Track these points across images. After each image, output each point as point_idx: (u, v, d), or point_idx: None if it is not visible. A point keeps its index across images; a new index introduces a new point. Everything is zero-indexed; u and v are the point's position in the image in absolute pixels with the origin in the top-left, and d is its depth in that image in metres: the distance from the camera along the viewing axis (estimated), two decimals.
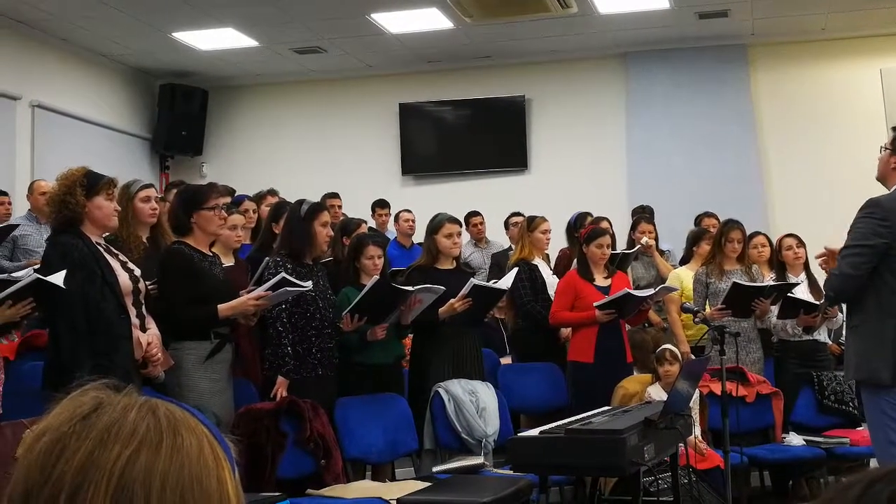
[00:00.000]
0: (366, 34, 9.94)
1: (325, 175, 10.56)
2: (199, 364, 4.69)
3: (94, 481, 0.88)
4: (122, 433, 0.91)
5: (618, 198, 10.09)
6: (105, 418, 0.92)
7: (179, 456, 0.91)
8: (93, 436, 0.90)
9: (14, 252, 6.86)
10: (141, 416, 0.93)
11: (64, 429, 0.91)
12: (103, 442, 0.90)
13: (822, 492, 6.13)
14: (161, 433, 0.92)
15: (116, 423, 0.91)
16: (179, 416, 0.96)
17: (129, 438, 0.90)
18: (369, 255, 5.52)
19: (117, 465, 0.88)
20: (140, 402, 0.95)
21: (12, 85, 9.25)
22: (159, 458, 0.90)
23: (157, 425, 0.93)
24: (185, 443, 0.93)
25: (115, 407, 0.93)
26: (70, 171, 4.25)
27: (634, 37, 10.22)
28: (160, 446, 0.91)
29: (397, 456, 5.57)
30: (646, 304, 6.15)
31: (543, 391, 6.38)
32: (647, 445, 4.05)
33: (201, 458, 0.93)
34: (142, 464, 0.89)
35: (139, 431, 0.91)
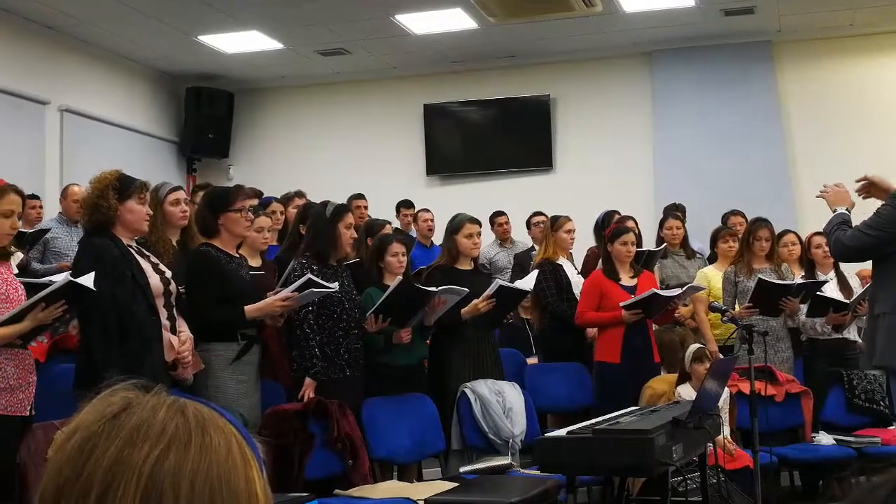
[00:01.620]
0: (390, 35, 9.96)
1: (351, 176, 10.59)
2: (226, 365, 4.71)
3: (123, 480, 0.88)
4: (151, 432, 0.91)
5: (644, 197, 10.05)
6: (134, 418, 0.93)
7: (208, 455, 0.92)
8: (122, 435, 0.91)
9: (45, 255, 6.94)
10: (170, 416, 0.94)
11: (94, 428, 0.92)
12: (132, 441, 0.91)
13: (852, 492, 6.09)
14: (190, 432, 0.93)
15: (146, 423, 0.92)
16: (208, 415, 0.96)
17: (159, 438, 0.91)
18: (393, 252, 5.52)
19: (147, 464, 0.89)
20: (169, 402, 0.96)
21: (41, 90, 9.35)
22: (188, 457, 0.91)
23: (185, 424, 0.93)
24: (214, 442, 0.93)
25: (144, 407, 0.94)
26: (103, 175, 4.29)
27: (659, 35, 10.18)
28: (189, 445, 0.92)
29: (424, 456, 5.58)
30: (673, 303, 6.13)
31: (570, 391, 6.37)
32: (675, 445, 4.03)
33: (230, 457, 0.94)
34: (171, 463, 0.90)
35: (168, 431, 0.92)
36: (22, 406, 3.83)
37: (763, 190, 9.70)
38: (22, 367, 3.85)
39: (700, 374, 5.53)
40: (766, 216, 6.81)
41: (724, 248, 7.14)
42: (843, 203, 4.79)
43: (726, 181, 9.94)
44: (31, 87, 9.20)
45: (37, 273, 6.06)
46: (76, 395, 4.19)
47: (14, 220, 3.90)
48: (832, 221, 4.69)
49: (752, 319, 6.01)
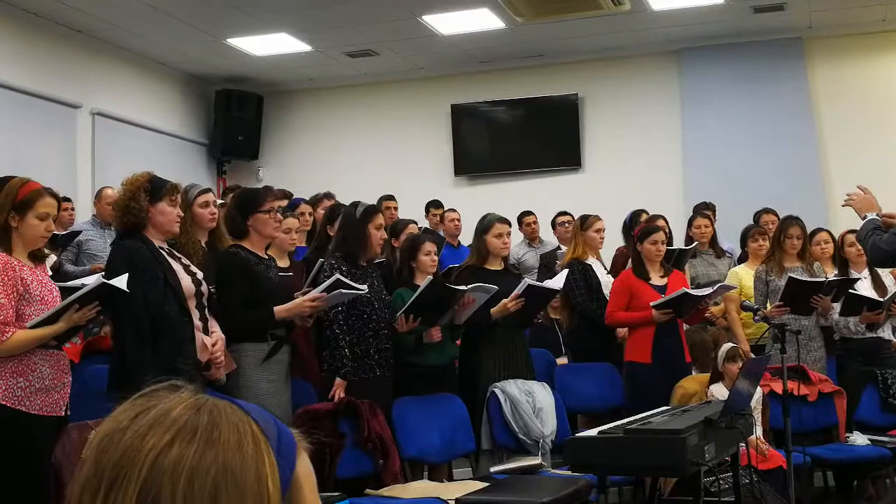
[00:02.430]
0: (417, 36, 9.97)
1: (379, 177, 10.62)
2: (257, 365, 4.74)
3: (127, 474, 0.90)
4: (160, 426, 0.92)
5: (674, 196, 10.01)
6: (151, 415, 0.94)
7: (213, 450, 0.92)
8: (138, 430, 0.92)
9: (79, 257, 7.01)
10: (183, 412, 0.94)
11: (117, 425, 0.94)
12: (142, 435, 0.92)
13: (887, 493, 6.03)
14: (197, 427, 0.93)
15: (159, 419, 0.93)
16: (226, 412, 0.97)
17: (165, 432, 0.92)
18: (426, 251, 5.53)
19: (149, 458, 0.90)
20: (190, 400, 0.97)
21: (73, 93, 9.44)
22: (190, 451, 0.91)
23: (195, 419, 0.94)
24: (223, 437, 0.93)
25: (166, 404, 0.95)
26: (135, 177, 4.32)
27: (688, 32, 10.13)
28: (193, 440, 0.92)
29: (454, 456, 5.58)
30: (703, 303, 6.09)
31: (600, 391, 6.34)
32: (707, 445, 4.00)
33: (239, 452, 0.93)
34: (172, 457, 0.90)
35: (176, 425, 0.93)
36: (57, 406, 3.86)
37: (794, 188, 9.63)
38: (57, 367, 3.89)
39: (733, 374, 5.49)
40: (797, 214, 6.76)
41: (753, 246, 7.10)
42: (871, 209, 4.76)
43: (757, 180, 9.87)
44: (63, 91, 9.30)
45: (70, 275, 6.11)
46: (110, 396, 4.24)
47: (49, 223, 3.94)
48: (865, 227, 4.66)
49: (784, 318, 5.97)
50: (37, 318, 3.77)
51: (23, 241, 3.87)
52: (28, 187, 3.89)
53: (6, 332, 3.66)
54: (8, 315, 3.69)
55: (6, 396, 3.69)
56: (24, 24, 8.88)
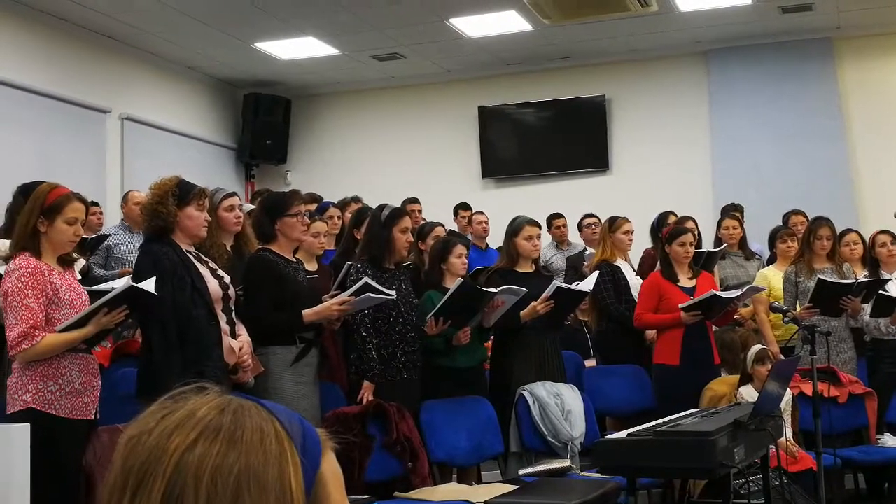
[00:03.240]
0: (444, 39, 9.98)
1: (407, 180, 10.64)
2: (285, 368, 4.75)
3: (153, 473, 0.91)
4: (185, 427, 0.94)
5: (703, 197, 9.95)
6: (177, 415, 0.95)
7: (236, 450, 0.93)
8: (164, 431, 0.94)
9: (107, 261, 7.06)
10: (207, 412, 0.96)
11: (144, 426, 0.96)
12: (167, 435, 0.93)
13: None
14: (220, 426, 0.94)
15: (185, 419, 0.95)
16: (250, 412, 0.97)
17: (189, 432, 0.93)
18: (457, 253, 5.54)
19: (174, 458, 0.91)
20: (215, 400, 0.98)
21: (102, 98, 9.52)
22: (213, 450, 0.92)
23: (219, 419, 0.95)
24: (246, 436, 0.94)
25: (192, 405, 0.97)
26: (163, 181, 4.35)
27: (716, 33, 10.08)
28: (216, 439, 0.93)
29: (483, 459, 5.57)
30: (732, 305, 6.05)
31: (629, 394, 6.31)
32: (737, 447, 3.98)
33: (262, 451, 0.94)
34: (195, 456, 0.92)
35: (200, 425, 0.94)
36: (87, 410, 3.89)
37: (823, 189, 9.55)
38: (87, 371, 3.92)
39: (762, 376, 5.45)
40: (826, 215, 6.71)
41: (782, 248, 7.06)
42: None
43: (786, 181, 9.80)
44: (92, 96, 9.38)
45: (99, 279, 6.16)
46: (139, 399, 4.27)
47: (78, 228, 3.97)
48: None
49: (813, 320, 5.92)
50: (66, 321, 3.80)
51: (52, 245, 3.90)
52: (56, 192, 3.93)
53: (36, 336, 3.69)
54: (38, 319, 3.72)
55: (37, 400, 3.73)
56: (54, 30, 8.97)
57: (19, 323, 3.68)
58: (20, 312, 3.69)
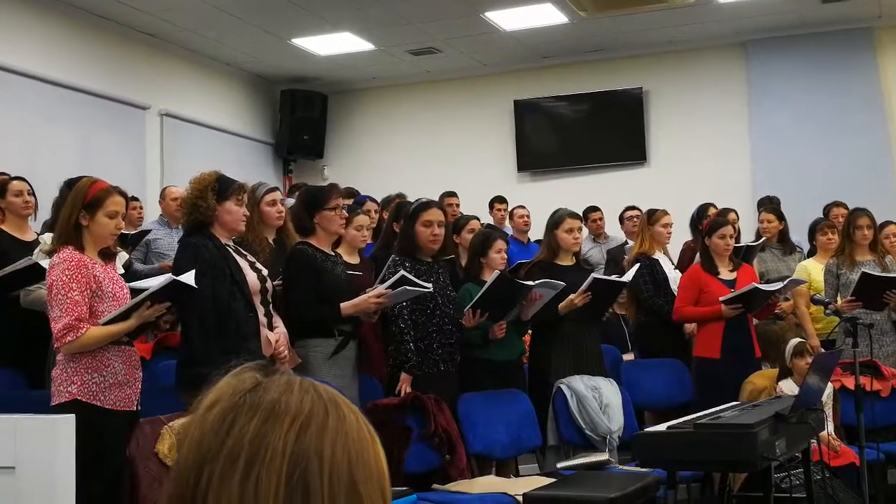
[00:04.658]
0: (480, 33, 9.97)
1: (442, 173, 10.64)
2: (324, 361, 4.79)
3: (269, 450, 0.93)
4: (290, 408, 0.96)
5: (742, 189, 9.87)
6: (270, 395, 0.97)
7: (344, 427, 0.97)
8: (262, 410, 0.96)
9: (147, 255, 7.13)
10: (304, 392, 0.98)
11: (234, 400, 0.97)
12: (274, 415, 0.95)
13: None
14: (325, 406, 0.97)
15: (282, 399, 0.97)
16: (335, 393, 1.01)
17: (298, 412, 0.95)
18: (497, 248, 5.54)
19: (290, 435, 0.93)
20: (298, 381, 1.00)
21: (142, 95, 9.61)
22: (328, 428, 0.95)
23: (320, 400, 0.98)
24: (348, 417, 0.98)
25: (277, 384, 0.99)
26: (203, 176, 4.40)
27: (755, 24, 9.98)
28: (327, 419, 0.96)
29: (521, 452, 5.56)
30: (773, 298, 6.00)
31: (667, 387, 6.27)
32: (778, 440, 3.95)
33: (360, 431, 0.98)
34: (313, 433, 0.94)
35: (306, 406, 0.96)
36: (130, 401, 3.94)
37: (865, 180, 9.42)
38: (129, 363, 3.96)
39: (801, 370, 5.41)
40: (868, 207, 6.64)
41: (822, 240, 6.97)
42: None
43: (826, 172, 9.69)
44: (132, 93, 9.48)
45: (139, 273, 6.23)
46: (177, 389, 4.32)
47: (118, 221, 4.01)
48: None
49: (855, 312, 5.86)
50: (109, 314, 3.85)
51: (93, 238, 3.94)
52: (97, 186, 3.97)
53: (81, 329, 3.73)
54: (82, 312, 3.77)
55: (82, 392, 3.77)
56: (94, 28, 9.06)
57: (64, 315, 3.73)
58: (65, 305, 3.74)
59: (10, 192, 5.36)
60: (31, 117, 8.29)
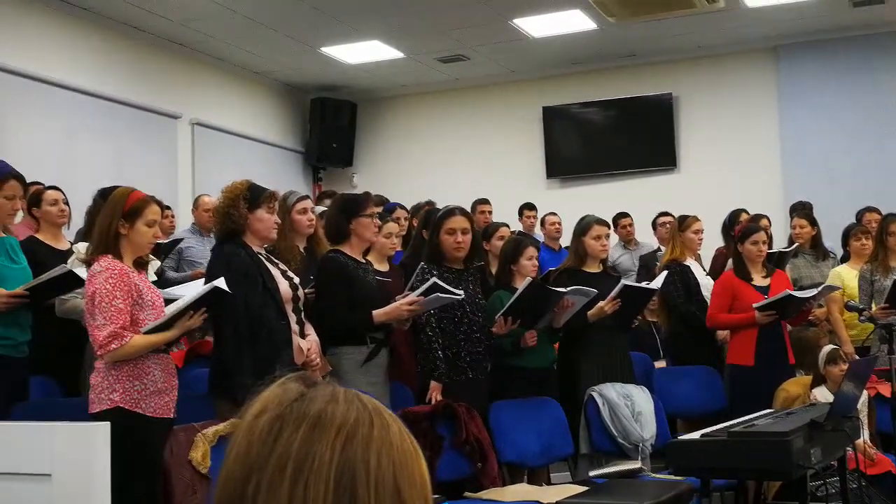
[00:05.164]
0: (508, 40, 9.97)
1: (471, 180, 10.66)
2: (356, 368, 4.79)
3: (317, 458, 0.94)
4: (336, 418, 0.97)
5: (773, 195, 9.80)
6: (316, 405, 0.99)
7: (388, 437, 0.98)
8: (309, 419, 0.97)
9: (179, 263, 7.17)
10: (349, 402, 1.00)
11: (280, 410, 0.99)
12: (321, 425, 0.97)
13: None
14: (370, 416, 0.99)
15: (328, 409, 0.98)
16: (378, 403, 1.02)
17: (343, 422, 0.97)
18: (528, 255, 5.53)
19: (337, 445, 0.95)
20: (342, 391, 1.02)
21: (174, 104, 9.69)
22: (373, 438, 0.97)
23: (365, 409, 1.00)
24: (392, 427, 1.00)
25: (321, 395, 1.00)
26: (234, 185, 4.43)
27: (785, 29, 9.92)
28: (372, 428, 0.98)
29: (552, 460, 5.55)
30: (807, 304, 5.94)
31: (700, 395, 6.23)
32: (813, 448, 3.91)
33: (403, 441, 1.00)
34: (358, 443, 0.96)
35: (351, 416, 0.98)
36: (168, 408, 3.97)
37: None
38: (167, 370, 4.00)
39: (835, 377, 5.36)
40: None
41: (856, 246, 6.91)
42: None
43: (859, 177, 9.61)
44: (163, 103, 9.56)
45: (172, 281, 6.27)
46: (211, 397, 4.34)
47: (156, 230, 4.06)
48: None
49: (890, 319, 5.79)
50: (151, 323, 3.88)
51: (132, 247, 3.98)
52: (135, 196, 4.02)
53: (125, 337, 3.77)
54: (125, 320, 3.81)
55: (124, 399, 3.81)
56: (126, 39, 9.15)
57: (108, 323, 3.76)
58: (109, 313, 3.77)
59: (45, 201, 5.41)
60: (65, 127, 8.38)
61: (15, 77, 7.94)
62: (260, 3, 8.64)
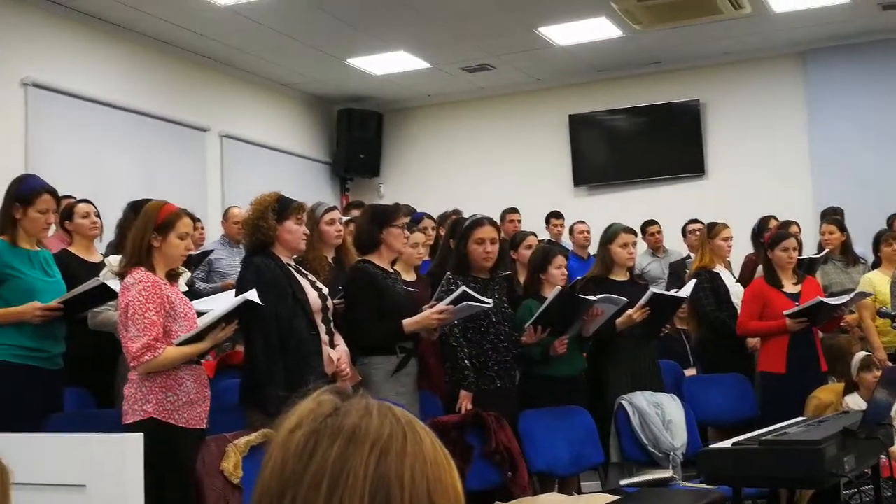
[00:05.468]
0: (534, 48, 9.98)
1: (498, 189, 10.67)
2: (387, 378, 4.81)
3: (351, 474, 0.95)
4: (370, 433, 0.98)
5: (803, 201, 9.74)
6: (350, 419, 1.00)
7: (422, 451, 0.99)
8: (343, 434, 0.98)
9: (209, 274, 7.22)
10: (382, 417, 1.01)
11: (315, 425, 1.00)
12: (355, 439, 0.98)
13: None
14: (404, 431, 1.00)
15: (362, 424, 0.99)
16: (412, 417, 1.03)
17: (378, 437, 0.98)
18: (557, 264, 5.53)
19: (371, 460, 0.96)
20: (376, 405, 1.03)
21: (202, 117, 9.77)
22: (407, 452, 0.98)
23: (398, 424, 1.00)
24: (425, 441, 1.00)
25: (355, 409, 1.01)
26: (263, 197, 4.47)
27: (813, 34, 9.87)
28: (406, 443, 0.99)
29: (583, 469, 5.53)
30: (839, 311, 5.90)
31: (730, 403, 6.19)
32: (846, 456, 3.88)
33: (436, 455, 1.01)
34: (393, 457, 0.97)
35: (385, 430, 0.99)
36: (200, 419, 4.00)
37: None
38: (199, 381, 4.03)
39: (868, 384, 5.32)
40: None
41: (887, 251, 6.86)
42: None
43: (890, 182, 9.52)
44: (192, 116, 9.64)
45: (202, 292, 6.31)
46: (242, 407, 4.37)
47: (188, 242, 4.10)
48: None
49: None
50: (184, 335, 3.92)
51: (164, 260, 4.03)
52: (167, 209, 4.06)
53: (158, 349, 3.80)
54: (158, 332, 3.84)
55: (157, 410, 3.84)
56: (155, 53, 9.24)
57: (142, 335, 3.80)
58: (142, 325, 3.81)
59: (77, 214, 5.46)
60: (96, 141, 8.46)
61: (46, 92, 8.03)
62: (287, 17, 8.69)
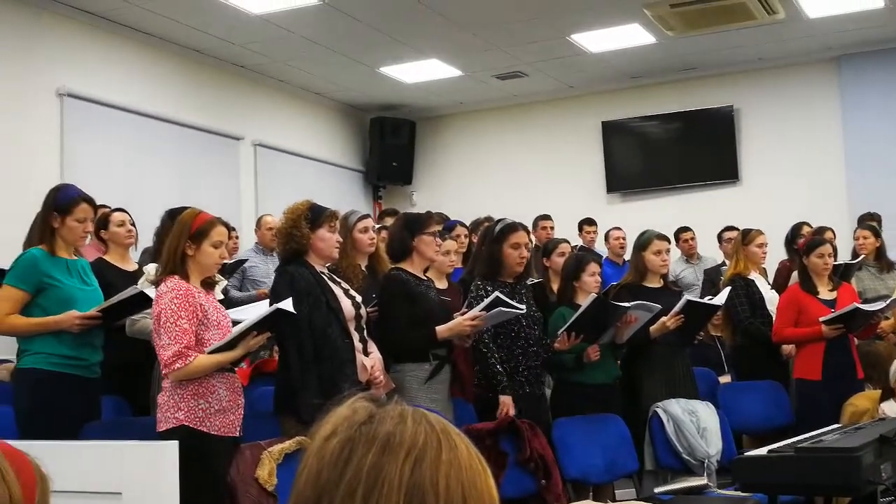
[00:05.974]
0: (566, 55, 9.97)
1: (531, 196, 10.66)
2: (420, 385, 4.81)
3: (386, 482, 0.96)
4: (405, 440, 0.99)
5: (837, 207, 9.66)
6: (385, 427, 1.00)
7: (457, 458, 0.99)
8: (378, 442, 0.99)
9: (243, 283, 7.28)
10: (417, 424, 1.01)
11: (350, 433, 1.01)
12: (390, 447, 0.98)
13: None
14: (438, 438, 1.00)
15: (397, 432, 1.00)
16: (446, 423, 1.03)
17: (412, 445, 0.99)
18: (591, 271, 5.52)
19: (406, 467, 0.97)
20: (410, 412, 1.04)
21: (236, 126, 9.85)
22: (442, 460, 0.98)
23: (433, 431, 1.01)
24: (460, 448, 1.01)
25: (390, 416, 1.02)
26: (296, 205, 4.49)
27: (847, 39, 9.79)
28: (441, 450, 0.99)
29: (617, 476, 5.50)
30: (875, 317, 5.84)
31: (765, 410, 6.15)
32: (883, 464, 3.84)
33: (472, 461, 1.01)
34: (428, 465, 0.97)
35: (420, 438, 0.99)
36: (233, 427, 4.02)
37: None
38: (232, 389, 4.05)
39: None
40: None
41: None
42: None
43: None
44: (226, 124, 9.72)
45: (236, 301, 6.36)
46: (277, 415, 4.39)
47: (223, 250, 4.13)
48: None
49: None
50: (216, 343, 3.95)
51: (199, 268, 4.06)
52: (202, 217, 4.09)
53: (189, 356, 3.83)
54: (190, 340, 3.87)
55: (189, 418, 3.86)
56: (189, 63, 9.34)
57: (173, 343, 3.83)
58: (174, 333, 3.84)
59: (112, 223, 5.52)
60: (130, 150, 8.55)
61: (81, 102, 8.14)
62: (319, 25, 8.75)
